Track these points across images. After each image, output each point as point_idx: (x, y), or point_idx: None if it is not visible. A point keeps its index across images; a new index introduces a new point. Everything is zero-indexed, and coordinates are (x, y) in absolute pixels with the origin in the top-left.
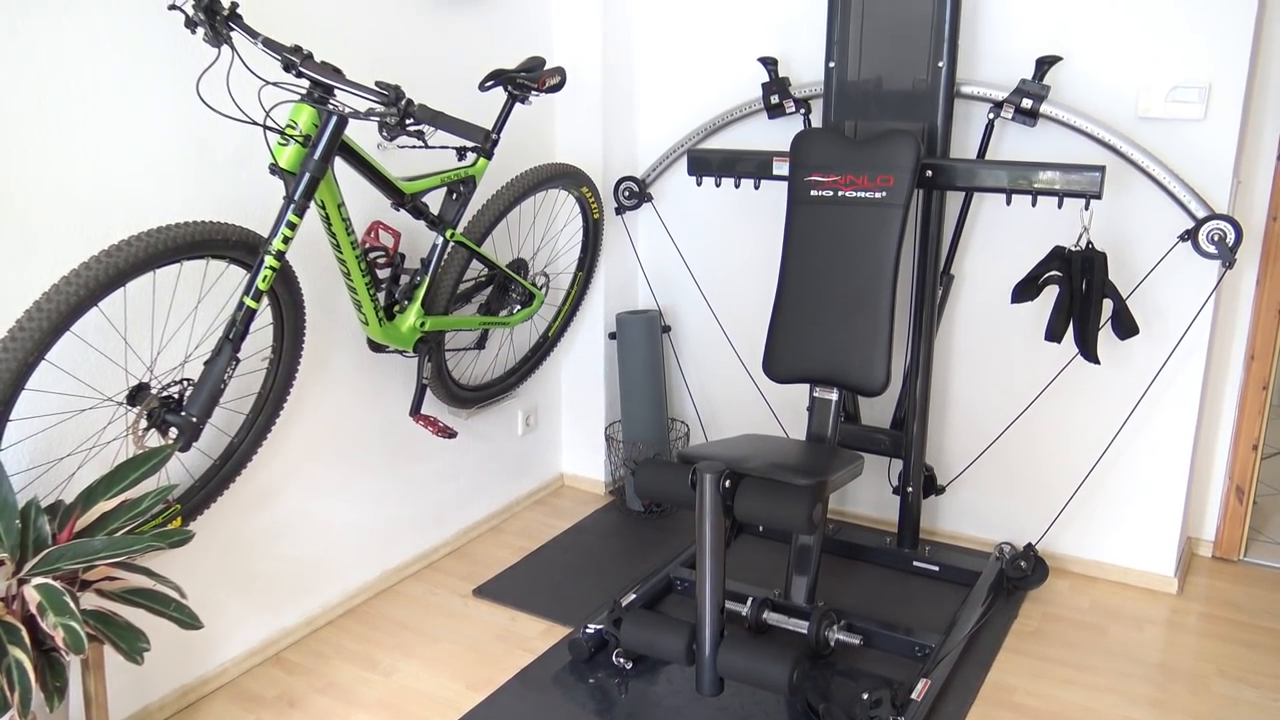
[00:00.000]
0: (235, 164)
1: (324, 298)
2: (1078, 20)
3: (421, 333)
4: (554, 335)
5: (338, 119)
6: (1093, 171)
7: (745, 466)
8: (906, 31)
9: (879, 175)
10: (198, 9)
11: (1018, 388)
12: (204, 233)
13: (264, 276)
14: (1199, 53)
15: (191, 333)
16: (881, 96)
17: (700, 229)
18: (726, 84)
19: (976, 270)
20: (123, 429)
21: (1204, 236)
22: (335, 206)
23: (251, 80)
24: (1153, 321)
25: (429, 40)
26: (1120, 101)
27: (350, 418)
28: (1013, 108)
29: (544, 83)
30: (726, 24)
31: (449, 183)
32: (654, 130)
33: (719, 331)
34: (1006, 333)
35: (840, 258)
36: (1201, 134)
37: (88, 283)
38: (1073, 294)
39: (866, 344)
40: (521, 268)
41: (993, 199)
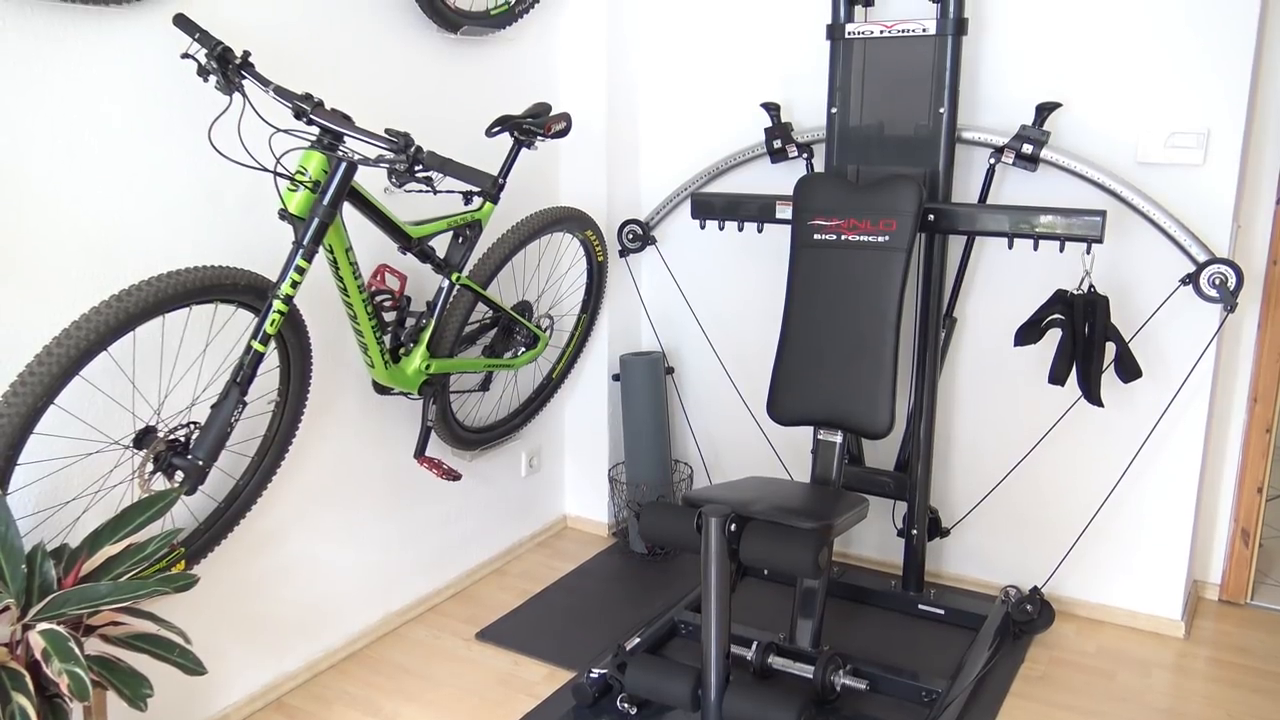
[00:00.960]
0: (245, 209)
1: (330, 340)
2: (1076, 67)
3: (426, 375)
4: (558, 377)
5: (347, 165)
6: (1094, 216)
7: (750, 510)
8: (908, 78)
9: (882, 220)
10: (210, 58)
11: (1022, 430)
12: (213, 277)
13: (272, 321)
14: (1197, 99)
15: (199, 376)
16: (883, 141)
17: (703, 271)
18: (730, 128)
19: (979, 313)
20: (129, 472)
21: (1205, 280)
22: (343, 251)
23: (262, 127)
24: (1155, 365)
25: (437, 85)
26: (1120, 147)
27: (354, 460)
28: (1013, 153)
29: (550, 128)
30: (730, 70)
31: (455, 227)
32: (658, 174)
33: (722, 373)
34: (1010, 375)
35: (844, 301)
36: (1201, 179)
37: (97, 327)
38: (1075, 337)
39: (870, 387)
40: (526, 310)
41: (995, 243)
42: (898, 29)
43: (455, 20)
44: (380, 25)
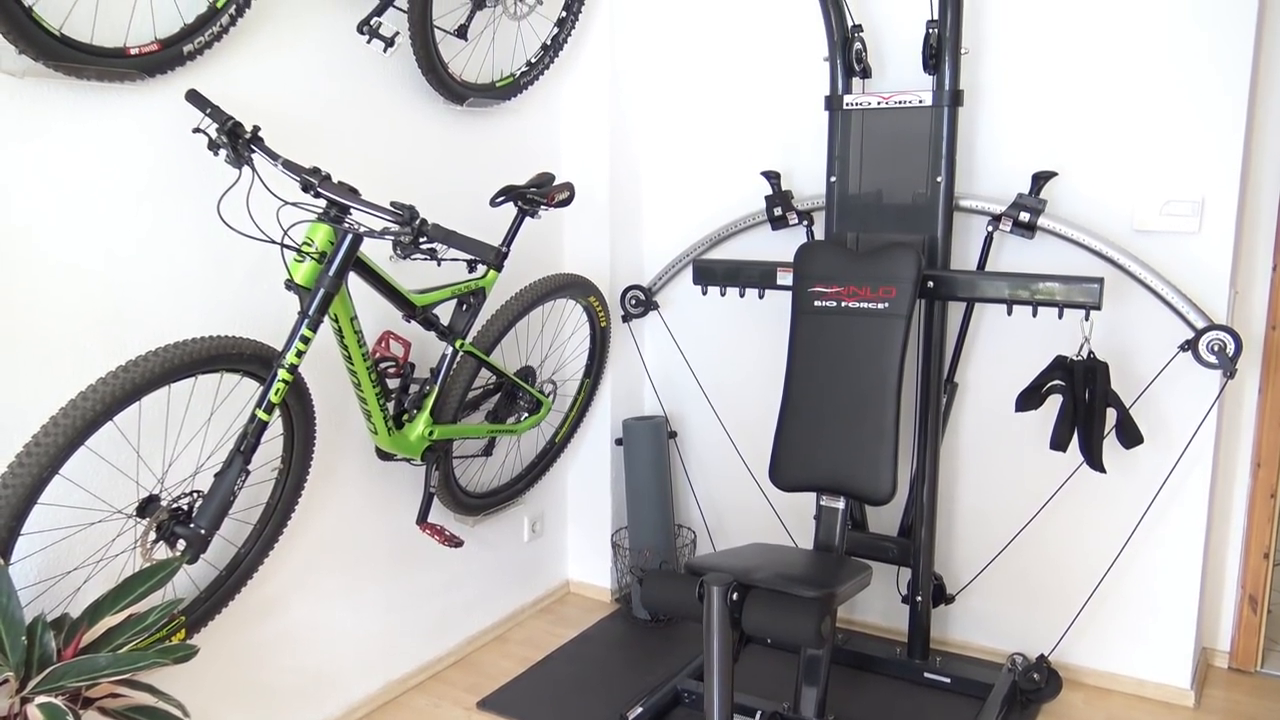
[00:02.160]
0: (251, 278)
1: (333, 406)
2: (1071, 136)
3: (430, 441)
4: (561, 441)
5: (353, 237)
6: (1091, 283)
7: (753, 578)
8: (905, 147)
9: (881, 286)
10: (221, 132)
11: (1025, 495)
12: (219, 347)
13: (277, 389)
14: (1191, 167)
15: (203, 444)
16: (882, 209)
17: (706, 336)
18: (731, 196)
19: (980, 378)
20: (131, 541)
21: (1204, 347)
22: (348, 320)
23: (270, 198)
24: (1157, 430)
25: (443, 155)
26: (1116, 214)
27: (356, 526)
28: (1011, 221)
29: (553, 198)
30: (730, 138)
31: (460, 294)
32: (660, 240)
33: (725, 438)
34: (1012, 440)
35: (845, 367)
36: (1197, 246)
37: (104, 398)
38: (1076, 403)
39: (872, 453)
40: (529, 375)
41: (994, 309)
42: (894, 100)
43: (461, 93)
44: (388, 98)
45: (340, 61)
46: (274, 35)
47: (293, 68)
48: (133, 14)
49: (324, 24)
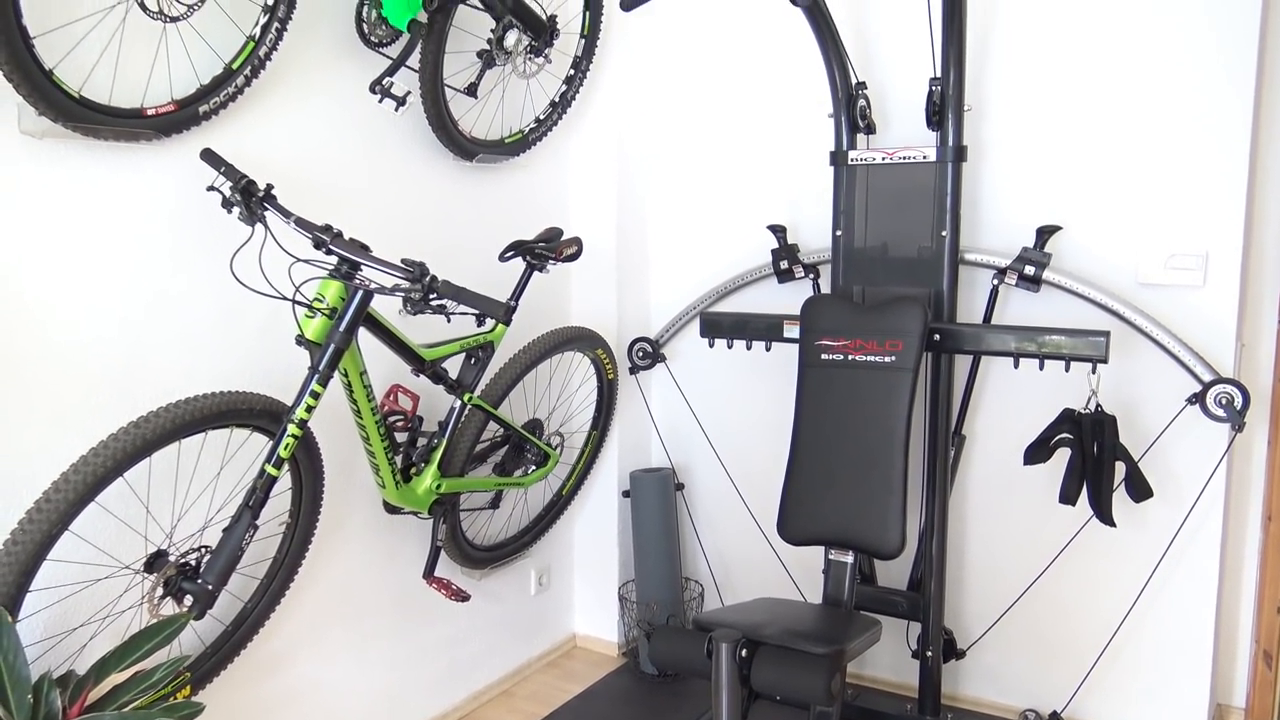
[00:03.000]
0: (262, 332)
1: (341, 460)
2: (1075, 190)
3: (437, 495)
4: (568, 493)
5: (364, 294)
6: (1097, 337)
7: (761, 634)
8: (910, 202)
9: (888, 340)
10: (235, 190)
11: (1035, 548)
12: (229, 403)
13: (286, 445)
14: (1194, 221)
15: (212, 498)
16: (888, 263)
17: (713, 388)
18: (737, 249)
19: (988, 430)
20: (138, 597)
21: (1211, 400)
22: (358, 375)
23: (281, 254)
24: (1166, 484)
25: (452, 209)
26: (1120, 268)
27: (363, 580)
28: (1016, 274)
29: (561, 253)
30: (737, 192)
31: (468, 348)
32: (667, 292)
33: (732, 490)
34: (1021, 493)
35: (852, 421)
36: (1202, 299)
37: (115, 454)
38: (1085, 457)
39: (880, 506)
40: (537, 428)
41: (1001, 361)
42: (899, 156)
43: (471, 149)
44: (399, 155)
45: (352, 119)
46: (287, 94)
47: (305, 125)
48: (150, 75)
49: (336, 83)
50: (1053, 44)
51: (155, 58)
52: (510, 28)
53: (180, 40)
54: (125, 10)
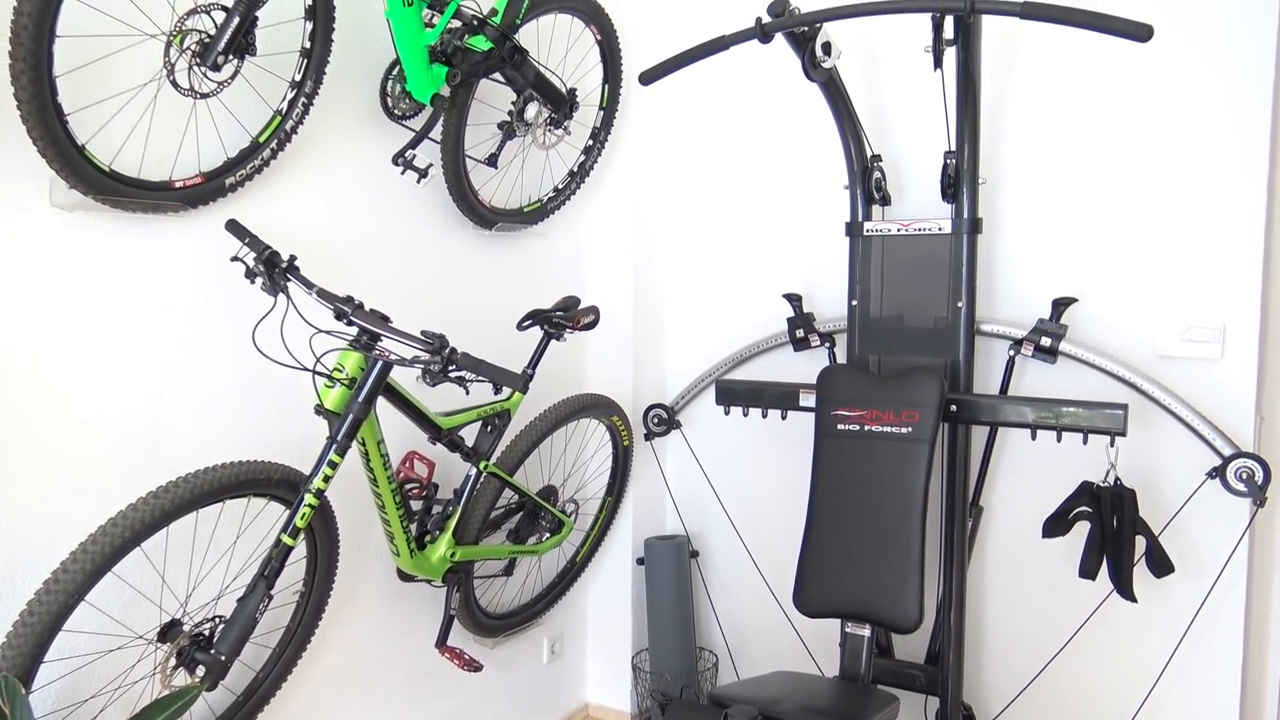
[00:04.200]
0: (281, 401)
1: (355, 527)
2: (1090, 262)
3: (451, 563)
4: (581, 560)
5: (383, 365)
6: (1115, 410)
7: (777, 710)
8: (926, 272)
9: (905, 411)
10: (258, 261)
11: (1055, 622)
12: (248, 472)
13: (302, 514)
14: (1211, 294)
15: (228, 567)
16: (904, 333)
17: (728, 455)
18: (753, 317)
19: (1005, 502)
20: (151, 667)
21: (1232, 475)
22: (375, 444)
23: (302, 324)
24: (1187, 558)
25: (471, 277)
26: (1138, 340)
27: (375, 649)
28: (1032, 345)
29: (578, 322)
30: (752, 261)
31: (485, 416)
32: (683, 359)
33: (747, 558)
34: (1040, 565)
35: (868, 492)
36: (1220, 372)
37: (133, 524)
38: (1104, 530)
39: (897, 579)
40: (551, 494)
41: (1018, 432)
42: (914, 228)
43: (490, 218)
44: (419, 223)
45: (374, 189)
46: (311, 165)
47: (328, 196)
48: (179, 149)
49: (359, 154)
50: (1066, 118)
51: (185, 132)
52: (531, 100)
53: (209, 114)
54: (157, 88)
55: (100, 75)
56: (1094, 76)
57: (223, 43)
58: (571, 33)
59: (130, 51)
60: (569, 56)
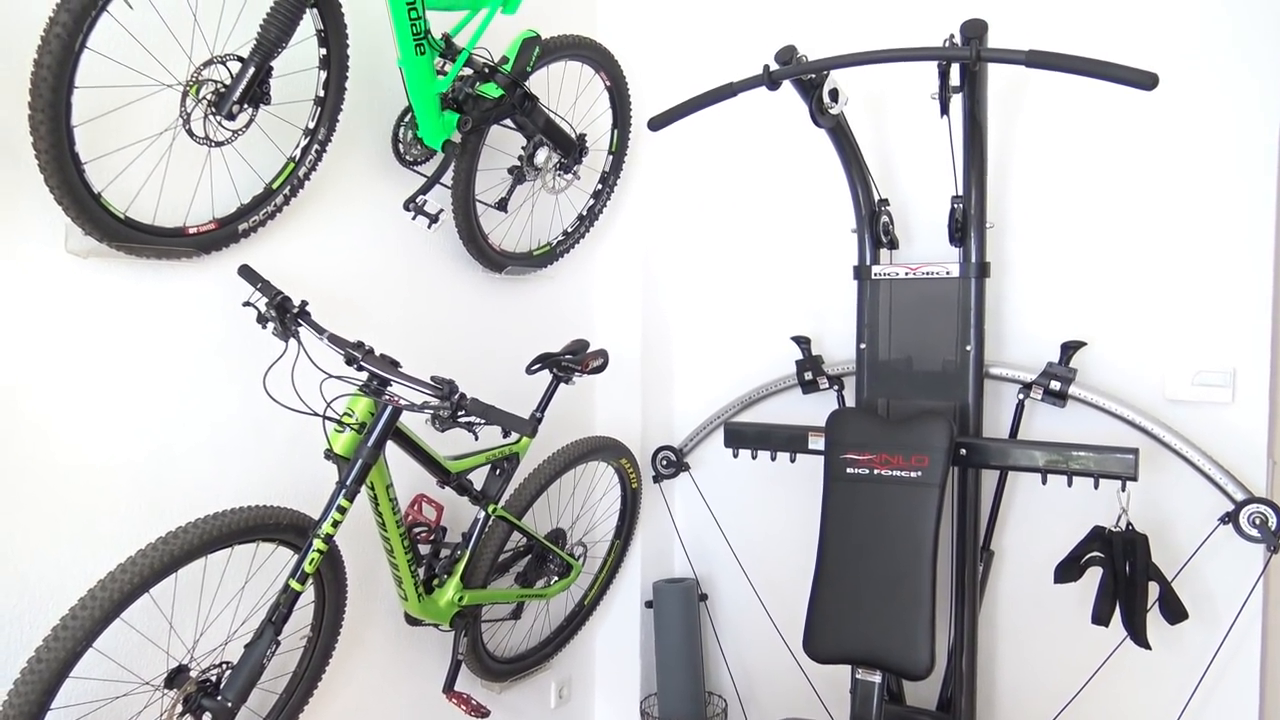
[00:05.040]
0: (290, 444)
1: (363, 571)
2: (1098, 306)
3: (460, 607)
4: (590, 604)
5: (393, 410)
6: (1126, 454)
7: None
8: (934, 316)
9: (914, 455)
10: (270, 306)
11: (1068, 668)
12: (257, 518)
13: (311, 560)
14: (1220, 338)
15: (236, 612)
16: (913, 376)
17: (737, 497)
18: (761, 359)
19: (1016, 546)
20: (158, 713)
21: (1245, 520)
22: (384, 488)
23: (311, 369)
24: (1201, 604)
25: (481, 321)
26: (1147, 384)
27: (382, 694)
28: (1041, 389)
29: (587, 365)
30: (761, 304)
31: (494, 460)
32: (691, 401)
33: (757, 602)
34: (1052, 610)
35: (878, 536)
36: (1231, 416)
37: (142, 571)
38: (1116, 576)
39: (908, 625)
40: (560, 538)
41: (1028, 476)
42: (922, 271)
43: (500, 262)
44: (429, 267)
45: (385, 234)
46: (323, 211)
47: (340, 240)
48: (194, 195)
49: (371, 200)
50: (1074, 162)
51: (199, 179)
52: (541, 146)
53: (224, 161)
54: (173, 136)
55: (117, 124)
56: (1100, 120)
57: (238, 92)
58: (581, 79)
59: (147, 101)
60: (579, 102)
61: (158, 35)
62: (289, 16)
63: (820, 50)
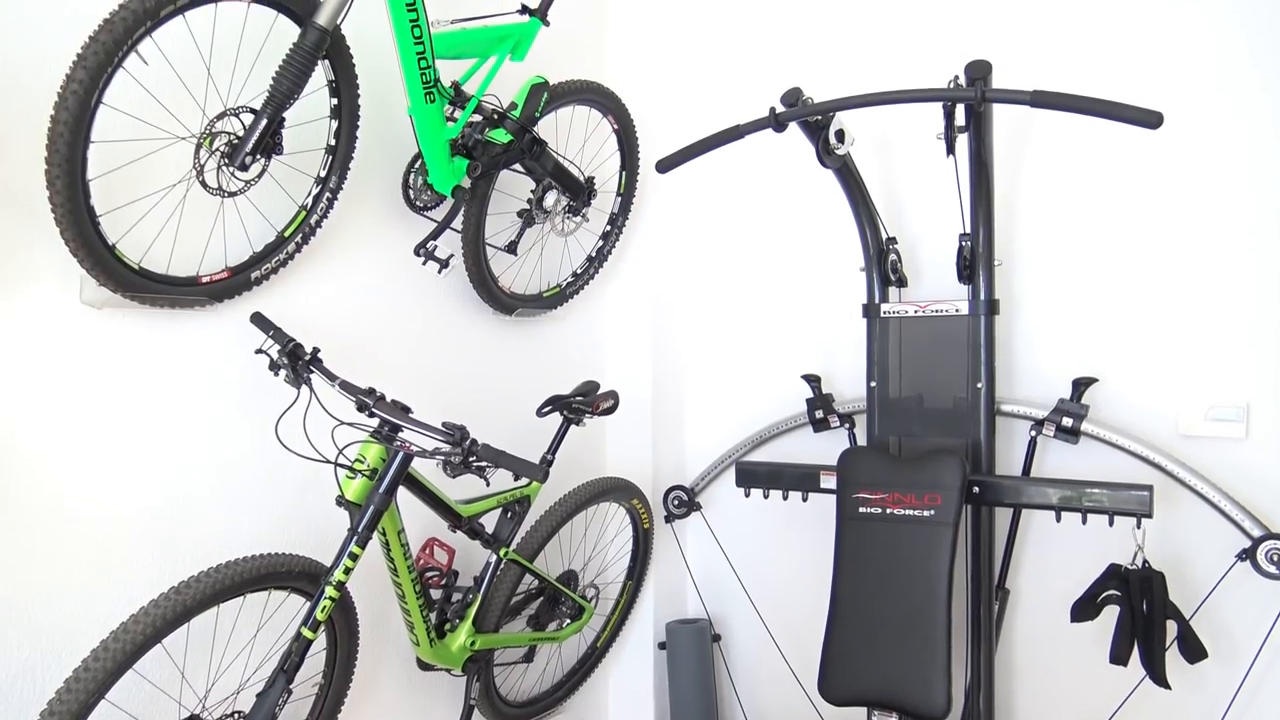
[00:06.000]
0: (302, 490)
1: (374, 615)
2: (1110, 341)
3: (472, 651)
4: (602, 646)
5: (404, 456)
6: (1141, 491)
7: None
8: (944, 354)
9: (926, 494)
10: (282, 354)
11: (1087, 708)
12: (269, 566)
13: (323, 607)
14: (1233, 372)
15: (248, 660)
16: (924, 414)
17: (749, 537)
18: (772, 398)
19: (1032, 584)
20: None
21: (1262, 556)
22: (395, 534)
23: (323, 416)
24: (1221, 641)
25: (491, 362)
26: (1160, 419)
27: None
28: (1053, 426)
29: (598, 407)
30: (770, 342)
31: (505, 503)
32: (702, 440)
33: (770, 642)
34: (1070, 649)
35: (892, 576)
36: (1245, 451)
37: (155, 621)
38: (1134, 615)
39: (924, 666)
40: (572, 579)
41: (1041, 513)
42: (931, 309)
43: (510, 304)
44: (439, 311)
45: (396, 278)
46: (335, 257)
47: (351, 286)
48: (207, 244)
49: (382, 245)
50: (1082, 197)
51: (212, 228)
52: (549, 189)
53: (236, 211)
54: (187, 187)
55: (132, 177)
56: (1109, 154)
57: (251, 144)
58: (589, 122)
59: (161, 153)
60: (587, 145)
61: (172, 89)
62: (301, 68)
63: (826, 91)
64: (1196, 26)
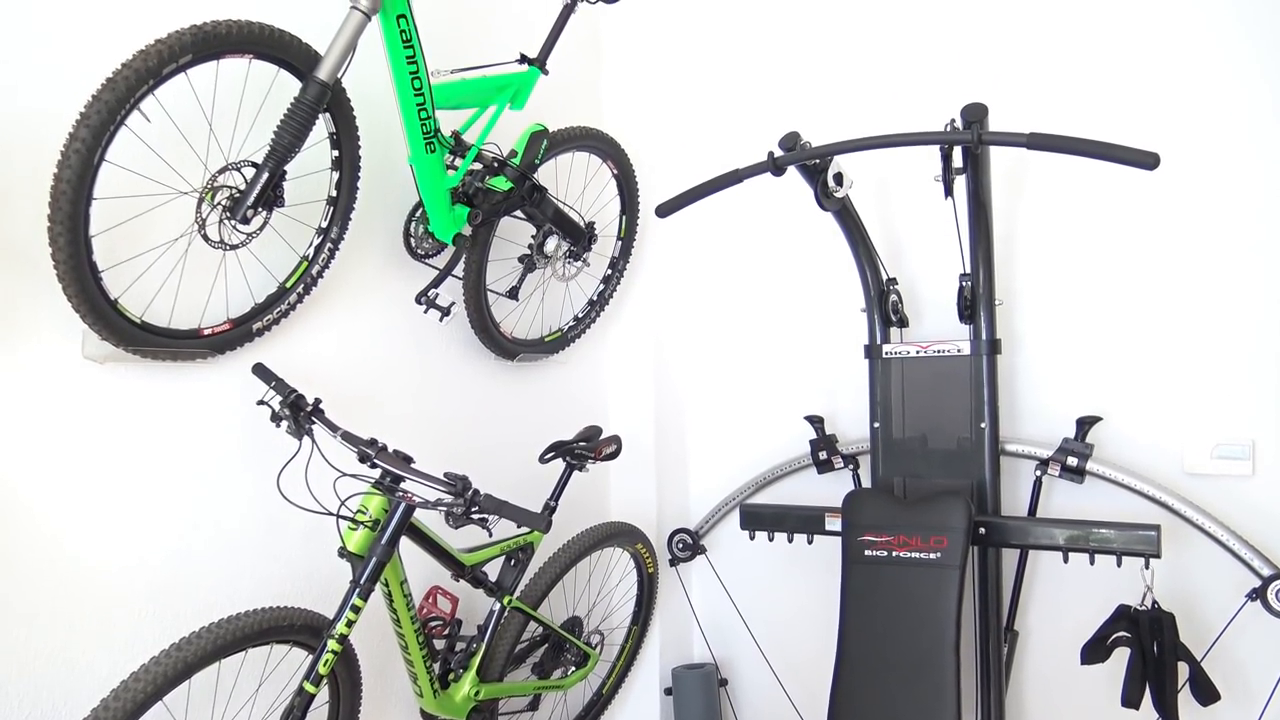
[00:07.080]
0: (304, 542)
1: (378, 666)
2: (1113, 380)
3: (476, 702)
4: (608, 693)
5: (406, 507)
6: (1148, 531)
7: None
8: (947, 393)
9: (932, 536)
10: (284, 405)
11: None
12: (270, 620)
13: (325, 661)
14: (1239, 409)
15: (250, 717)
16: (928, 455)
17: (754, 580)
18: (776, 439)
19: (1041, 626)
20: None
21: (1273, 595)
22: (398, 584)
23: (325, 467)
24: (1233, 682)
25: (493, 408)
26: (1166, 457)
27: None
28: (1059, 465)
29: (600, 452)
30: (773, 384)
31: (508, 551)
32: (706, 483)
33: (778, 686)
34: (1081, 692)
35: (900, 619)
36: (1252, 489)
37: (155, 679)
38: (1145, 657)
39: (934, 710)
40: (576, 626)
41: (1048, 554)
42: (933, 350)
43: (512, 349)
44: (441, 357)
45: (398, 327)
46: (336, 307)
47: (353, 335)
48: (209, 297)
49: (383, 294)
50: (1081, 236)
51: (214, 281)
52: (550, 235)
53: (238, 263)
54: (189, 241)
55: (134, 232)
56: (1106, 193)
57: (252, 197)
58: (589, 168)
59: (163, 208)
60: (587, 190)
61: (174, 144)
62: (303, 122)
63: (824, 135)
64: (1192, 64)
